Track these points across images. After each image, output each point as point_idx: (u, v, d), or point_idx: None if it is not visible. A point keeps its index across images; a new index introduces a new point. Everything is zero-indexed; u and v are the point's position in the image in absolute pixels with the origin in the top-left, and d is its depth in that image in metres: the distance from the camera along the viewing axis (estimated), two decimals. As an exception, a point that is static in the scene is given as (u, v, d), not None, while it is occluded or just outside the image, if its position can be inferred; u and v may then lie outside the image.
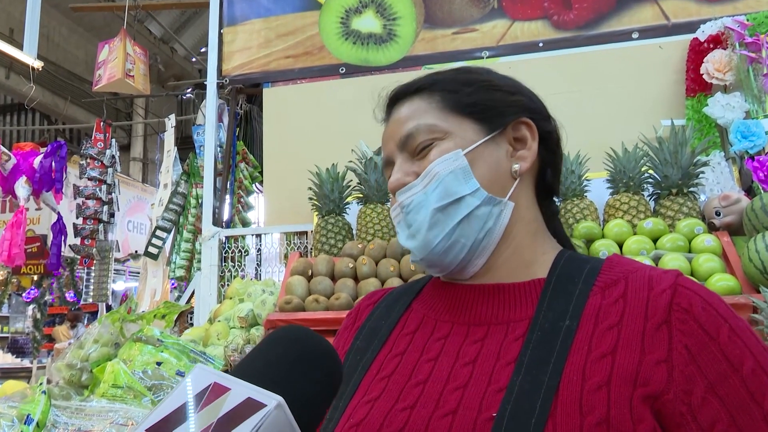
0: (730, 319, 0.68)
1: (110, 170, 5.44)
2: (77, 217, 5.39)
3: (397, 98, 0.88)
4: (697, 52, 2.97)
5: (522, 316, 0.75)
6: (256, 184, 4.44)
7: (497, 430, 0.63)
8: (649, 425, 0.63)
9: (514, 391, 0.66)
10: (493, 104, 0.83)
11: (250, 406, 0.58)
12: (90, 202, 5.32)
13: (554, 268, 0.79)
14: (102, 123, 5.58)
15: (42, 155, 5.19)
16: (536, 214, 0.85)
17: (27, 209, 5.37)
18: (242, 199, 4.20)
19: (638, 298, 0.70)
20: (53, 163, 5.19)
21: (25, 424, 1.59)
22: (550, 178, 0.88)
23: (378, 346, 0.84)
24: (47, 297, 9.98)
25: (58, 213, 5.64)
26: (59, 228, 5.69)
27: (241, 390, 0.60)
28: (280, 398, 0.58)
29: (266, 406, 0.57)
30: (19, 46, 4.90)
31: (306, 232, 3.26)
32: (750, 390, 0.64)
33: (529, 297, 0.77)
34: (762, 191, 2.40)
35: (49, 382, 2.00)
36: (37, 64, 4.78)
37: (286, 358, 0.72)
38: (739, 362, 0.65)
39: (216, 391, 0.61)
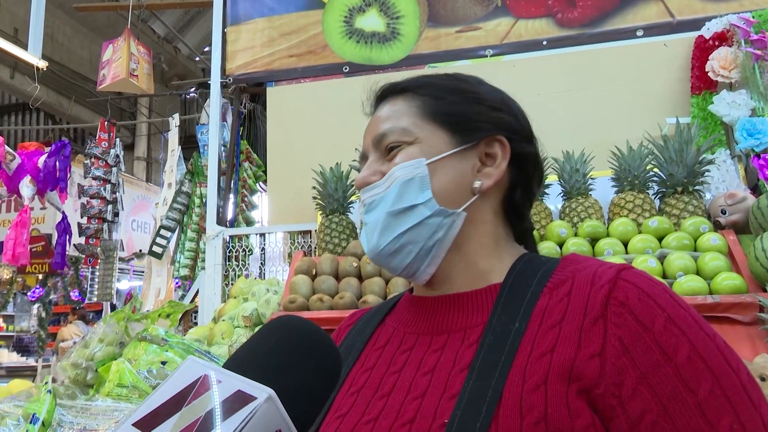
0: (668, 308, 0.67)
1: (114, 170, 5.44)
2: (82, 217, 5.40)
3: (383, 95, 0.90)
4: (703, 50, 2.95)
5: (477, 321, 0.76)
6: (260, 183, 4.44)
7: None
8: (587, 420, 0.63)
9: (464, 397, 0.67)
10: (470, 117, 0.83)
11: (240, 399, 0.57)
12: (94, 202, 5.33)
13: (510, 272, 0.80)
14: (106, 122, 5.59)
15: (46, 155, 5.19)
16: (495, 230, 0.84)
17: (32, 208, 5.37)
18: (246, 199, 4.20)
19: (580, 295, 0.71)
20: (57, 163, 5.19)
21: (30, 423, 1.59)
22: (519, 197, 0.86)
23: (351, 362, 0.86)
24: (52, 296, 10.02)
25: (63, 212, 5.64)
26: (64, 227, 5.69)
27: (231, 382, 0.59)
28: (271, 391, 0.57)
29: (256, 399, 0.56)
30: (24, 45, 4.91)
31: (310, 231, 3.26)
32: (684, 378, 0.63)
33: (485, 302, 0.78)
34: (768, 189, 2.39)
35: (54, 380, 2.01)
36: (42, 64, 4.79)
37: (281, 348, 0.70)
38: (673, 351, 0.64)
39: (206, 383, 0.60)
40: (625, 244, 2.34)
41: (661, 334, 0.65)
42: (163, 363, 1.78)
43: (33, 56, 4.74)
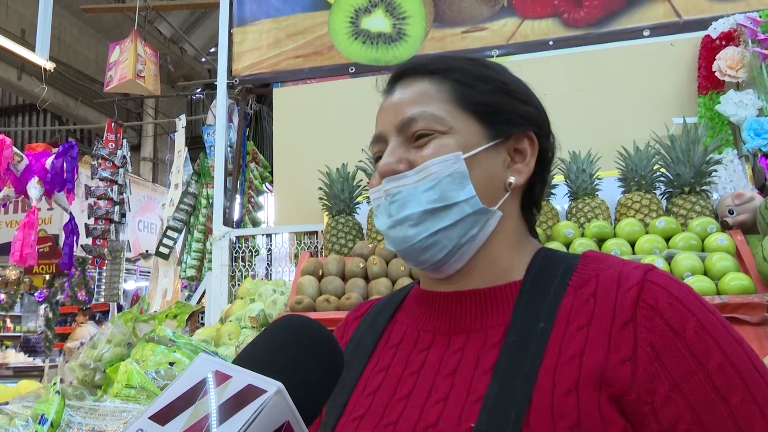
0: (698, 313, 0.66)
1: (121, 170, 5.47)
2: (89, 218, 5.43)
3: (405, 74, 0.83)
4: (709, 50, 2.94)
5: (499, 321, 0.74)
6: (266, 184, 4.45)
7: None
8: (620, 427, 0.62)
9: (491, 401, 0.66)
10: (503, 109, 0.80)
11: (250, 393, 0.59)
12: (101, 203, 5.36)
13: (530, 269, 0.78)
14: (113, 123, 5.61)
15: (54, 156, 5.22)
16: (518, 225, 0.82)
17: (39, 209, 5.40)
18: (252, 199, 4.21)
19: (607, 297, 0.69)
20: (65, 164, 5.22)
21: (39, 423, 1.60)
22: (538, 192, 0.85)
23: (363, 360, 0.83)
24: (59, 296, 10.07)
25: (70, 213, 5.67)
26: (71, 228, 5.72)
27: (241, 377, 0.61)
28: (280, 384, 0.59)
29: (266, 392, 0.58)
30: (31, 47, 4.94)
31: (316, 232, 3.27)
32: (716, 386, 0.63)
33: (505, 300, 0.76)
34: (776, 189, 2.38)
35: (62, 381, 2.02)
36: (49, 66, 4.82)
37: (287, 345, 0.73)
38: (705, 358, 0.64)
39: (217, 378, 0.62)
40: (632, 245, 2.34)
41: (692, 341, 0.64)
42: (171, 364, 1.79)
43: (40, 57, 4.77)
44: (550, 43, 3.40)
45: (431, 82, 0.80)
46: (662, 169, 2.51)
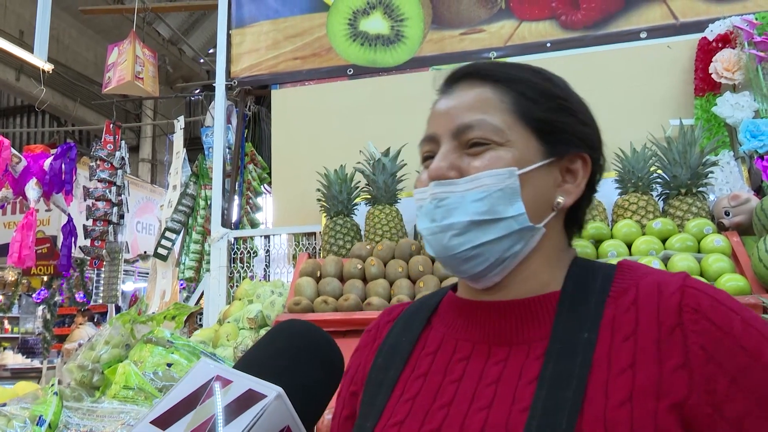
0: (741, 312, 0.68)
1: (119, 172, 5.47)
2: (87, 219, 5.43)
3: (466, 77, 0.82)
4: (706, 52, 2.95)
5: (540, 334, 0.74)
6: (265, 185, 4.45)
7: None
8: None
9: (539, 410, 0.66)
10: (563, 128, 0.79)
11: (251, 397, 0.60)
12: (100, 204, 5.36)
13: (567, 279, 0.78)
14: (111, 125, 5.62)
15: (52, 157, 5.22)
16: (560, 240, 0.82)
17: (37, 211, 5.41)
18: (251, 201, 4.21)
19: (649, 305, 0.70)
20: (63, 165, 5.23)
21: (37, 425, 1.61)
22: (582, 211, 0.85)
23: (400, 365, 0.82)
24: (57, 298, 10.05)
25: (68, 214, 5.67)
26: (69, 229, 5.72)
27: (242, 382, 0.62)
28: (279, 389, 0.60)
29: (266, 396, 0.59)
30: (29, 48, 4.94)
31: (314, 233, 3.27)
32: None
33: (545, 311, 0.76)
34: (772, 191, 2.39)
35: (60, 382, 2.02)
36: (48, 67, 4.82)
37: (288, 350, 0.74)
38: (757, 351, 0.65)
39: (218, 383, 0.63)
40: (629, 246, 2.35)
41: (742, 337, 0.66)
42: (169, 365, 1.79)
43: (39, 59, 4.77)
44: (548, 45, 3.41)
45: (494, 90, 0.79)
46: (659, 171, 2.52)
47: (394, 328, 0.89)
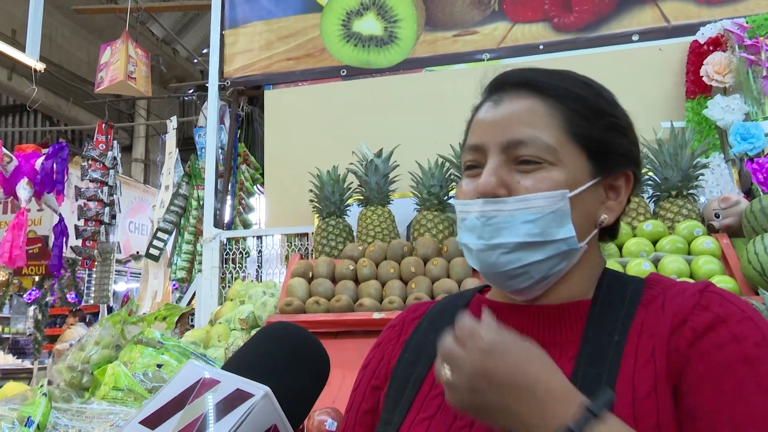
0: (746, 309, 0.70)
1: (112, 172, 5.46)
2: (79, 219, 5.41)
3: (515, 85, 0.79)
4: (697, 55, 2.97)
5: (572, 337, 0.76)
6: (258, 185, 4.45)
7: None
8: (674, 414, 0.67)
9: None
10: (613, 149, 0.79)
11: (238, 397, 0.61)
12: (91, 204, 5.34)
13: (599, 288, 0.80)
14: (104, 125, 5.60)
15: (44, 157, 5.20)
16: (595, 254, 0.83)
17: (28, 210, 5.38)
18: (243, 201, 4.21)
19: (673, 306, 0.73)
20: (55, 165, 5.21)
21: (25, 426, 1.60)
22: (617, 224, 0.86)
23: (428, 361, 0.83)
24: (48, 298, 10.00)
25: (60, 214, 5.65)
26: (61, 229, 5.70)
27: (230, 382, 0.63)
28: (267, 388, 0.61)
29: (254, 395, 0.60)
30: (22, 47, 4.92)
31: (307, 234, 3.27)
32: (749, 356, 0.66)
33: (577, 317, 0.77)
34: (761, 193, 2.40)
35: (50, 383, 2.01)
36: (40, 66, 4.80)
37: (276, 351, 0.75)
38: (744, 335, 0.67)
39: (206, 384, 0.63)
40: (620, 248, 2.36)
41: (734, 324, 0.68)
42: (159, 366, 1.79)
43: (31, 58, 4.75)
44: (541, 47, 3.42)
45: (545, 103, 0.77)
46: (650, 173, 2.53)
47: (420, 325, 0.90)
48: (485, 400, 0.63)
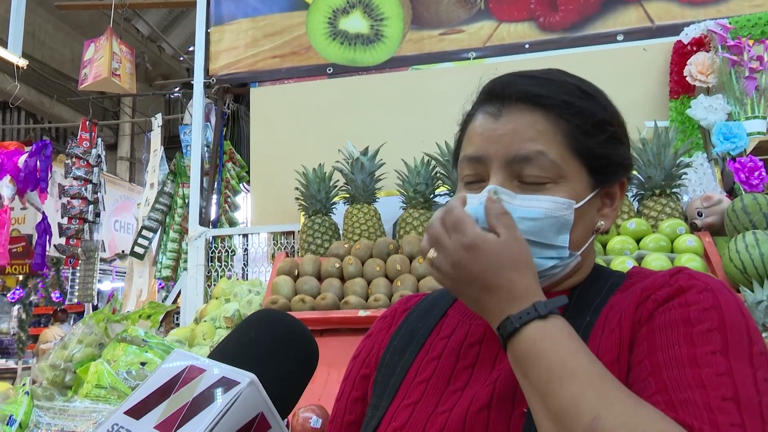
0: (711, 283, 0.70)
1: (96, 169, 5.40)
2: (62, 217, 5.35)
3: (516, 98, 0.78)
4: (681, 55, 3.00)
5: None
6: (243, 183, 4.43)
7: (529, 422, 0.66)
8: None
9: None
10: (613, 161, 0.80)
11: (223, 385, 0.61)
12: (75, 202, 5.29)
13: (586, 279, 0.82)
14: (87, 122, 5.54)
15: (27, 154, 5.14)
16: (589, 252, 0.83)
17: (12, 209, 5.32)
18: (229, 199, 4.19)
19: (643, 284, 0.75)
20: (38, 163, 5.15)
21: (7, 424, 1.58)
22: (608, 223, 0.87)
23: (416, 349, 0.85)
24: (33, 297, 9.90)
25: (43, 213, 5.59)
26: (44, 228, 5.64)
27: (215, 370, 0.63)
28: (253, 376, 0.61)
29: (239, 383, 0.60)
30: (4, 43, 4.85)
31: (293, 232, 3.26)
32: (693, 318, 0.66)
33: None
34: (743, 192, 2.43)
35: (34, 382, 1.99)
36: (22, 63, 4.74)
37: (262, 338, 0.76)
38: (697, 301, 0.68)
39: (192, 372, 0.64)
40: (604, 246, 2.38)
41: (693, 294, 0.69)
42: (143, 364, 1.78)
43: (13, 54, 4.69)
44: (526, 46, 3.43)
45: (547, 118, 0.76)
46: (634, 172, 2.55)
47: (410, 315, 0.92)
48: (460, 287, 0.70)
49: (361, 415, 0.87)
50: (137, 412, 0.62)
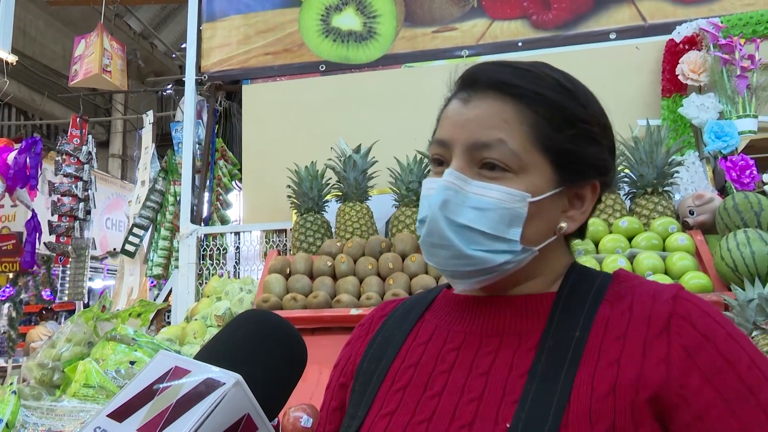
0: (726, 326, 0.70)
1: (86, 167, 5.37)
2: (52, 214, 5.31)
3: (486, 85, 0.76)
4: (673, 53, 3.00)
5: (534, 327, 0.75)
6: (235, 181, 4.40)
7: None
8: (648, 430, 0.65)
9: (528, 402, 0.67)
10: (582, 159, 0.77)
11: (208, 386, 0.60)
12: (65, 199, 5.25)
13: (565, 282, 0.79)
14: (78, 119, 5.51)
15: (17, 151, 5.11)
16: (559, 250, 0.81)
17: (2, 206, 5.27)
18: (221, 197, 4.16)
19: (643, 310, 0.72)
20: (28, 160, 5.12)
21: (-6, 424, 1.56)
22: (584, 225, 0.84)
23: (392, 355, 0.83)
24: (23, 295, 9.82)
25: (33, 210, 5.56)
26: (33, 225, 5.61)
27: (200, 371, 0.62)
28: (238, 376, 0.60)
29: (224, 384, 0.59)
30: (-7, 39, 4.81)
31: (285, 230, 3.25)
32: (746, 383, 0.66)
33: (540, 308, 0.77)
34: (734, 191, 2.44)
35: (24, 381, 1.98)
36: (12, 59, 4.70)
37: (249, 339, 0.74)
38: (735, 359, 0.67)
39: (177, 373, 0.63)
40: (596, 244, 2.37)
41: (722, 345, 0.67)
42: (132, 363, 1.76)
43: (3, 51, 4.65)
44: (519, 44, 3.43)
45: (515, 107, 0.74)
46: (626, 170, 2.55)
47: (387, 321, 0.90)
48: None
49: (341, 425, 0.85)
50: (120, 415, 0.61)
